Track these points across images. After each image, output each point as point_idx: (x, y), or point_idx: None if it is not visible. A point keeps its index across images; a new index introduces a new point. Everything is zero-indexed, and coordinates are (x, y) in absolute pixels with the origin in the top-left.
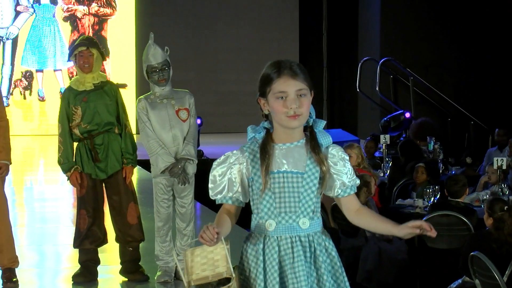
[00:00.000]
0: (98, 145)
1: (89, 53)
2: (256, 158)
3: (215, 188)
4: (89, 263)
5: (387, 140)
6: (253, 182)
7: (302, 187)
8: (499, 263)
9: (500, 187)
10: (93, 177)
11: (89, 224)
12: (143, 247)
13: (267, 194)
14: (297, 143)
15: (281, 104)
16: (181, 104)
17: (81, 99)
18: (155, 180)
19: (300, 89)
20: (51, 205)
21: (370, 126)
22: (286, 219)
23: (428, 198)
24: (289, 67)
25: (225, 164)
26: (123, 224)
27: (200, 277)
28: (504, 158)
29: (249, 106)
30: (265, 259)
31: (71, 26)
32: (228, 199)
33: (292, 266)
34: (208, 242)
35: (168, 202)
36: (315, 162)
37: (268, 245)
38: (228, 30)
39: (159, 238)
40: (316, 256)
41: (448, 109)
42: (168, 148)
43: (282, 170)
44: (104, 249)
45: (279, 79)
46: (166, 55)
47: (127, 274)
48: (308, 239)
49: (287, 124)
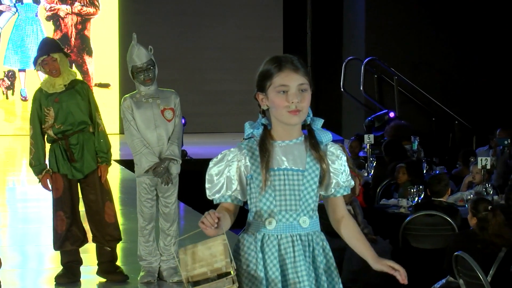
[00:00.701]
0: (73, 145)
1: (52, 59)
2: (255, 155)
3: (212, 187)
4: (72, 264)
5: (371, 140)
6: (252, 179)
7: (303, 185)
8: (483, 263)
9: (484, 187)
10: (69, 177)
11: (67, 225)
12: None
13: (267, 192)
14: (296, 140)
15: (282, 98)
16: (167, 104)
17: (53, 100)
18: (139, 179)
19: (302, 84)
20: (34, 205)
21: (355, 125)
22: (287, 217)
23: (412, 198)
24: (290, 61)
25: (223, 162)
26: (101, 224)
27: (199, 273)
28: (488, 158)
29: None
30: (265, 257)
31: (54, 26)
32: (227, 197)
33: (294, 266)
34: (209, 227)
35: (151, 202)
36: (315, 160)
37: (268, 243)
38: (213, 29)
39: (142, 238)
40: (314, 256)
41: (433, 108)
42: (152, 147)
43: (283, 167)
44: (86, 250)
45: (280, 73)
46: (150, 55)
47: (105, 274)
48: (307, 238)
49: (287, 120)
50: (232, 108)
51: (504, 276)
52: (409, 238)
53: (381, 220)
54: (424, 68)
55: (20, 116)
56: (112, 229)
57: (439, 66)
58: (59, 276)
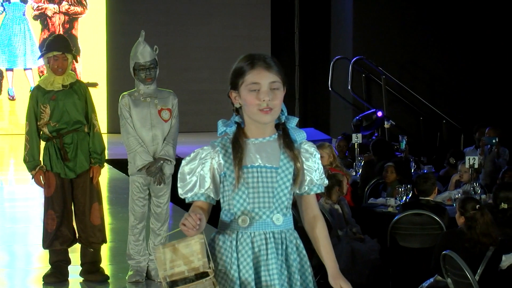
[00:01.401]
0: (67, 144)
1: (64, 57)
2: (228, 153)
3: (184, 186)
4: (60, 263)
5: (359, 139)
6: (225, 177)
7: (276, 182)
8: (471, 262)
9: (472, 186)
10: (62, 176)
11: (57, 225)
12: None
13: (240, 189)
14: (269, 138)
15: (254, 96)
16: (164, 104)
17: (49, 98)
18: (132, 178)
19: (274, 81)
20: (22, 205)
21: (343, 125)
22: (260, 214)
23: (400, 197)
24: (263, 59)
25: (195, 161)
26: (85, 225)
27: (176, 272)
28: (476, 157)
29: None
30: (239, 257)
31: (42, 25)
32: (200, 196)
33: (266, 263)
34: (191, 229)
35: (143, 201)
36: (288, 158)
37: (241, 241)
38: (200, 28)
39: (132, 236)
40: (287, 254)
41: (421, 108)
42: (147, 146)
43: (256, 164)
44: (74, 249)
45: (252, 70)
46: (154, 54)
47: (87, 274)
48: (281, 235)
49: (259, 118)
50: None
51: (492, 275)
52: (397, 237)
53: (369, 219)
54: (412, 68)
55: (8, 116)
56: (96, 231)
57: (427, 66)
58: (47, 276)
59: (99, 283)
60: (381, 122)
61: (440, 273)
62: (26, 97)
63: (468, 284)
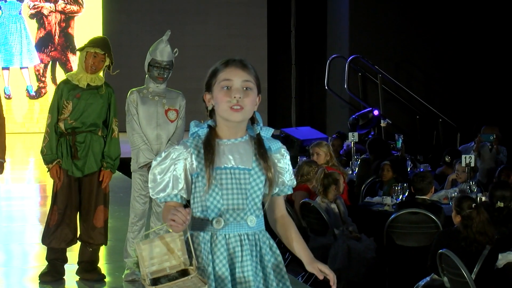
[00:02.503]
0: (79, 142)
1: (103, 59)
2: (201, 153)
3: (156, 186)
4: (57, 261)
5: (356, 138)
6: (197, 178)
7: (249, 184)
8: (468, 261)
9: (468, 185)
10: (69, 173)
11: (58, 221)
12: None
13: (213, 191)
14: (241, 139)
15: (225, 93)
16: (172, 105)
17: (74, 95)
18: (134, 174)
19: (247, 80)
20: (18, 203)
21: (339, 124)
22: (234, 216)
23: (397, 195)
24: (239, 60)
25: (167, 160)
26: (88, 226)
27: (158, 269)
28: (472, 156)
29: None
30: (214, 258)
31: (38, 24)
32: (173, 196)
33: (240, 265)
34: (180, 225)
35: (144, 199)
36: (261, 167)
37: (216, 243)
38: (196, 27)
39: (131, 234)
40: (261, 255)
41: (417, 106)
42: (151, 145)
43: (229, 166)
44: (72, 248)
45: (226, 68)
46: (173, 56)
47: (83, 273)
48: (255, 237)
49: (229, 116)
50: None
51: (488, 273)
52: (394, 236)
53: (366, 218)
54: (408, 66)
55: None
56: (97, 233)
57: (423, 64)
58: (43, 274)
59: (95, 282)
60: (377, 121)
61: (436, 272)
62: (22, 96)
63: (465, 283)
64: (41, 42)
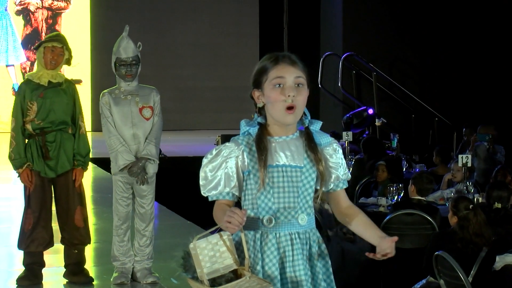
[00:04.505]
0: (49, 142)
1: (61, 52)
2: (253, 151)
3: (207, 184)
4: (34, 266)
5: (350, 137)
6: (249, 176)
7: (301, 182)
8: (464, 263)
9: (465, 185)
10: (42, 175)
11: (33, 224)
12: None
13: (265, 189)
14: (293, 136)
15: (278, 92)
16: (146, 102)
17: (37, 95)
18: (115, 177)
19: (299, 77)
20: (3, 205)
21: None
22: (285, 215)
23: (392, 196)
24: (287, 56)
25: (218, 158)
26: (70, 227)
27: (211, 270)
28: (469, 156)
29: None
30: (264, 257)
31: (24, 20)
32: (225, 194)
33: (292, 265)
34: (236, 227)
35: (127, 201)
36: (312, 160)
37: (266, 242)
38: (187, 24)
39: (117, 237)
40: (311, 254)
41: (412, 105)
42: (129, 145)
43: (281, 164)
44: (55, 250)
45: (276, 65)
46: (137, 51)
47: (71, 276)
48: (305, 236)
49: (282, 119)
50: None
51: (485, 276)
52: None
53: None
54: (403, 64)
55: None
56: (80, 234)
57: (418, 62)
58: (20, 278)
59: (83, 285)
60: (372, 120)
61: (432, 274)
62: (8, 94)
63: (461, 286)
64: (27, 39)
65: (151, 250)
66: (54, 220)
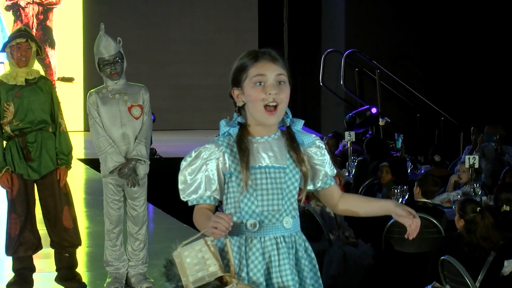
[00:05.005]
0: (30, 143)
1: (28, 46)
2: (234, 152)
3: (186, 188)
4: (24, 271)
5: (352, 138)
6: (230, 178)
7: (285, 183)
8: (471, 268)
9: (472, 187)
10: (24, 177)
11: (20, 229)
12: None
13: (248, 192)
14: (274, 135)
15: (259, 90)
16: (135, 100)
17: (13, 95)
18: (105, 180)
19: (280, 74)
20: None
21: (335, 122)
22: (269, 218)
23: (396, 198)
24: (268, 53)
25: (197, 160)
26: (58, 229)
27: (196, 278)
28: (476, 156)
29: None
30: (248, 262)
31: (14, 16)
32: (206, 198)
33: (278, 270)
34: (222, 232)
35: (118, 204)
36: (294, 160)
37: (250, 247)
38: (183, 20)
39: (109, 242)
40: (297, 258)
41: (417, 104)
42: (118, 146)
43: (264, 165)
44: (46, 255)
45: (256, 63)
46: (119, 47)
47: (63, 282)
48: (291, 239)
49: (263, 119)
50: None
51: (493, 281)
52: (392, 241)
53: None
54: (407, 61)
55: None
56: (69, 235)
57: (423, 59)
58: (10, 284)
59: None
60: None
61: (438, 280)
62: None
63: None
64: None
65: (145, 254)
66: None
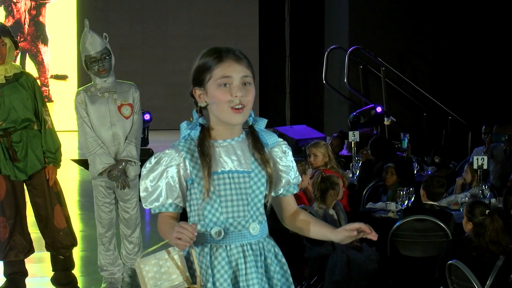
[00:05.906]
0: (15, 142)
1: (2, 42)
2: (195, 157)
3: (148, 196)
4: (16, 275)
5: (357, 137)
6: (192, 184)
7: (250, 188)
8: (480, 273)
9: (480, 189)
10: (12, 178)
11: (10, 233)
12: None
13: (211, 198)
14: (238, 138)
15: (225, 92)
16: (124, 99)
17: None
18: (95, 182)
19: (246, 76)
20: None
21: (338, 121)
22: (235, 225)
23: (402, 201)
24: (232, 51)
25: (158, 167)
26: (50, 230)
27: None
28: (484, 157)
29: None
30: (214, 272)
31: (6, 11)
32: (168, 206)
33: (245, 279)
34: (187, 243)
35: (110, 207)
36: (259, 162)
37: (216, 256)
38: (179, 14)
39: (102, 246)
40: (267, 265)
41: (424, 102)
42: (108, 147)
43: (227, 169)
44: (32, 259)
45: (221, 63)
46: (105, 43)
47: (57, 285)
48: (258, 246)
49: (229, 119)
50: None
51: (502, 286)
52: (398, 245)
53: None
54: (413, 58)
55: None
56: (62, 236)
57: (430, 56)
58: None
59: None
60: (380, 119)
61: (445, 284)
62: None
63: None
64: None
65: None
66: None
